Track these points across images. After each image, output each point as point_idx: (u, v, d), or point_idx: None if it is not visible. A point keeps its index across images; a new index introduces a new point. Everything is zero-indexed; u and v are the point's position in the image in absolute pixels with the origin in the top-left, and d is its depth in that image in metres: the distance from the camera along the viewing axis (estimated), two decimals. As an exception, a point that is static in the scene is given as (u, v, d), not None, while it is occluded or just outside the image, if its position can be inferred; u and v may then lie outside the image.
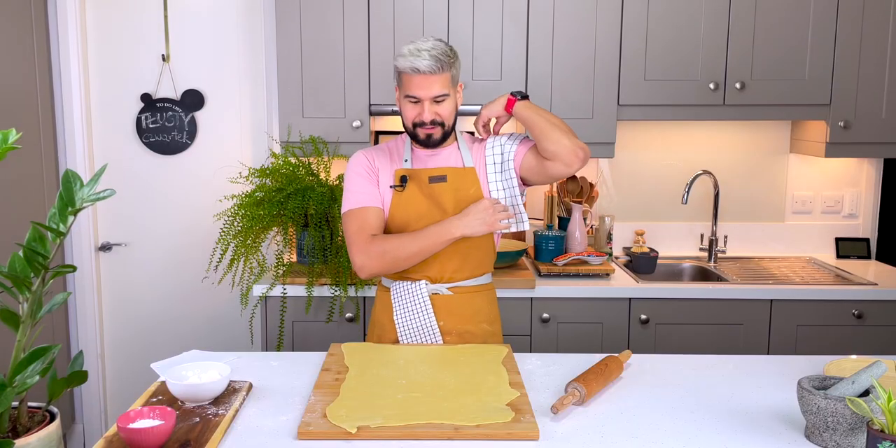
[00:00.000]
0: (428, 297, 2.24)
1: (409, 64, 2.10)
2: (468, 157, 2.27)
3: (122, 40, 3.39)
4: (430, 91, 2.13)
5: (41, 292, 1.41)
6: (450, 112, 2.20)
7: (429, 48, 2.12)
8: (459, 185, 2.23)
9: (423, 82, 2.12)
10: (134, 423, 1.54)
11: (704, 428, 1.67)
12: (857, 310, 2.98)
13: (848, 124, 3.15)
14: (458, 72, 2.20)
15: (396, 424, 1.62)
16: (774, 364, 2.08)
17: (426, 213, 2.22)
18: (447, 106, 2.18)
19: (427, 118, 2.16)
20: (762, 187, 3.58)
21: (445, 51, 2.14)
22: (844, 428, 1.53)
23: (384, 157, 2.29)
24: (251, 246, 2.93)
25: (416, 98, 2.15)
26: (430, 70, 2.10)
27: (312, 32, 3.09)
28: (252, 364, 2.07)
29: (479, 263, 2.30)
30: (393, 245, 2.15)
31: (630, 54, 3.12)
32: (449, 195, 2.22)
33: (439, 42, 2.16)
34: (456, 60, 2.18)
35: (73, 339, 3.47)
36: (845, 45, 3.11)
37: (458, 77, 2.22)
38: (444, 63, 2.12)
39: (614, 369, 1.93)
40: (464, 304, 2.27)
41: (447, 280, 2.27)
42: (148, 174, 3.47)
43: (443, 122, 2.19)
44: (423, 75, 2.11)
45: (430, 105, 2.15)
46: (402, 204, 2.23)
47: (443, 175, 2.23)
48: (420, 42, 2.15)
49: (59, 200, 1.43)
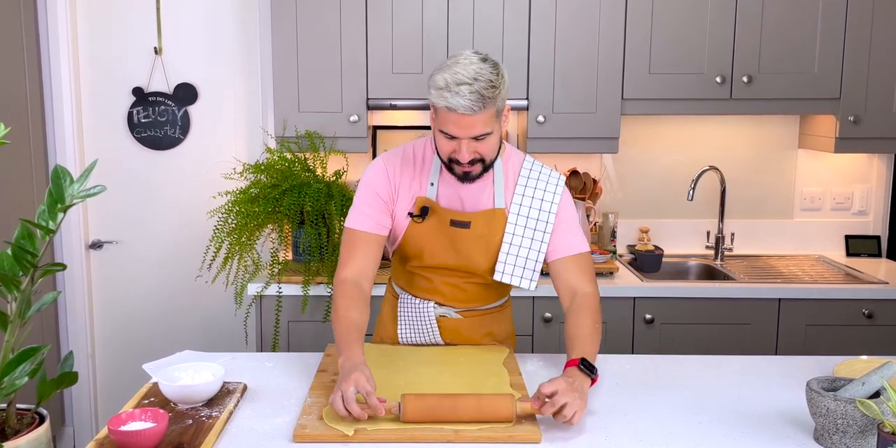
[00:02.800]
0: (435, 319, 2.13)
1: (444, 102, 1.79)
2: (501, 194, 2.01)
3: (113, 32, 3.38)
4: (469, 131, 1.83)
5: (30, 291, 1.41)
6: (492, 148, 1.90)
7: (470, 80, 1.78)
8: (484, 232, 2.00)
9: (462, 121, 1.81)
10: (125, 425, 1.54)
11: (711, 430, 1.67)
12: (868, 309, 2.98)
13: (858, 119, 3.15)
14: (506, 95, 1.87)
15: (395, 427, 1.62)
16: (782, 365, 2.08)
17: (441, 251, 2.04)
18: (490, 142, 1.88)
19: (465, 159, 1.87)
20: (770, 184, 3.58)
21: (491, 80, 1.80)
22: (854, 430, 1.53)
23: (409, 170, 2.03)
24: (246, 244, 2.93)
25: (453, 136, 1.86)
26: (471, 111, 1.79)
27: (308, 24, 3.08)
28: (247, 365, 2.07)
29: (497, 293, 2.16)
30: (334, 305, 1.94)
31: (634, 47, 3.11)
32: (470, 241, 2.01)
33: (484, 65, 1.82)
34: (502, 89, 1.84)
35: (62, 340, 3.47)
36: (855, 38, 3.11)
37: (505, 102, 1.89)
38: (489, 98, 1.79)
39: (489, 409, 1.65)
40: (474, 328, 2.15)
41: (458, 306, 2.13)
42: (140, 170, 3.47)
43: (483, 158, 1.91)
44: (460, 114, 1.80)
45: (468, 143, 1.86)
46: (416, 235, 2.03)
47: (467, 221, 2.00)
48: (460, 69, 1.80)
49: (48, 197, 1.43)
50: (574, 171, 3.44)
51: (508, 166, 2.05)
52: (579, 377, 1.75)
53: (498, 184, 2.01)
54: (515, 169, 2.05)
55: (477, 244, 2.01)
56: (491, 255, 2.03)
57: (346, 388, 1.63)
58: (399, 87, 3.09)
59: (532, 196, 2.01)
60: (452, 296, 2.11)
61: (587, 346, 1.86)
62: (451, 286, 2.10)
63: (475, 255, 2.03)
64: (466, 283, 2.10)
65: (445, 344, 2.16)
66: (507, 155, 2.06)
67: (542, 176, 2.04)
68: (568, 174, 3.44)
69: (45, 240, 1.41)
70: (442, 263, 2.06)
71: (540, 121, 3.12)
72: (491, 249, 2.02)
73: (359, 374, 1.66)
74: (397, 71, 3.10)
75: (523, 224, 2.00)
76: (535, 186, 2.02)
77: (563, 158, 3.49)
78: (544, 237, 2.00)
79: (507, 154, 2.06)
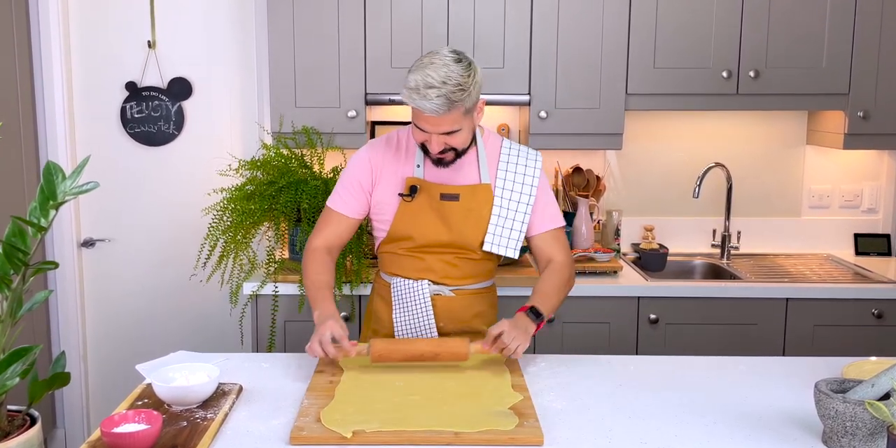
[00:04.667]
0: (429, 297, 2.22)
1: (412, 103, 1.97)
2: (486, 171, 2.21)
3: (106, 26, 3.38)
4: (438, 128, 2.03)
5: (21, 290, 1.41)
6: (463, 140, 2.09)
7: (439, 83, 1.94)
8: (472, 205, 2.19)
9: (430, 120, 2.01)
10: (118, 427, 1.54)
11: (716, 432, 1.67)
12: (878, 309, 2.99)
13: (867, 114, 3.15)
14: (477, 95, 2.04)
15: (394, 429, 1.62)
16: (790, 366, 2.08)
17: (432, 228, 2.19)
18: (460, 136, 2.07)
19: (434, 151, 2.09)
20: (777, 181, 3.58)
21: (459, 83, 1.95)
22: (864, 433, 1.53)
23: (392, 156, 2.23)
24: (241, 242, 2.93)
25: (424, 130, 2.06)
26: (436, 113, 1.97)
27: (306, 17, 3.08)
28: (242, 366, 2.07)
29: (485, 270, 2.30)
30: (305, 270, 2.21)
31: (639, 41, 3.11)
32: (459, 214, 2.19)
33: (455, 67, 1.97)
34: (473, 89, 2.00)
35: (54, 340, 3.47)
36: (864, 31, 3.11)
37: (477, 98, 2.06)
38: (455, 101, 1.96)
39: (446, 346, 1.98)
40: (465, 307, 2.27)
41: (450, 283, 2.25)
42: (133, 166, 3.47)
43: (454, 148, 2.11)
44: (429, 115, 1.99)
45: (437, 137, 2.06)
46: (407, 214, 2.20)
47: (455, 194, 2.18)
48: (431, 71, 1.96)
49: (39, 194, 1.43)
50: (577, 167, 3.44)
51: (489, 147, 2.24)
52: (524, 320, 2.03)
53: (482, 161, 2.21)
54: (496, 148, 2.25)
55: (467, 218, 2.19)
56: (480, 228, 2.20)
57: (323, 332, 1.94)
58: (398, 81, 3.09)
59: (515, 171, 2.22)
60: (444, 273, 2.24)
61: (543, 299, 2.12)
62: (443, 263, 2.23)
63: (465, 229, 2.19)
64: (458, 259, 2.23)
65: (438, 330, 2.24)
66: (487, 136, 2.26)
67: (521, 153, 2.25)
68: (571, 171, 3.44)
69: (37, 237, 1.41)
70: (434, 240, 2.20)
71: (542, 116, 3.12)
72: (480, 223, 2.19)
73: (332, 322, 1.97)
74: (396, 65, 3.09)
75: (508, 197, 2.20)
76: (517, 163, 2.23)
77: (565, 155, 3.49)
78: (527, 209, 2.21)
79: (486, 135, 2.26)
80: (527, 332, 1.99)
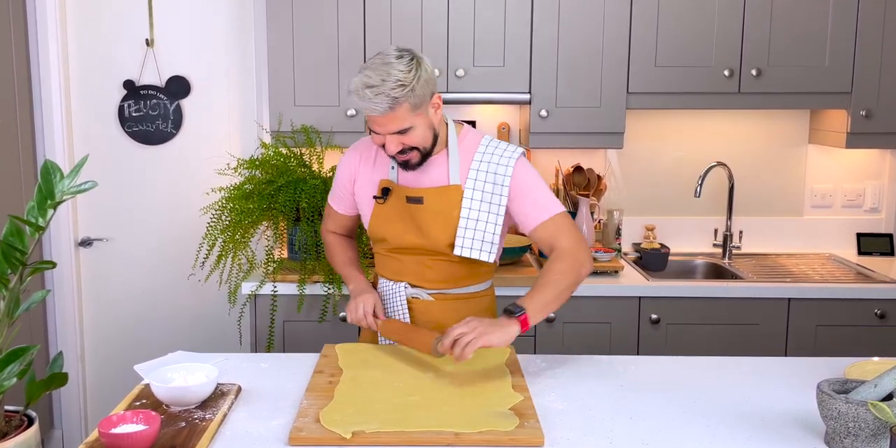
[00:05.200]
0: (405, 300, 2.21)
1: (355, 105, 2.01)
2: (456, 171, 2.12)
3: (103, 24, 3.38)
4: (386, 128, 1.99)
5: (19, 290, 1.41)
6: (421, 138, 2.04)
7: (378, 82, 1.92)
8: (440, 208, 2.11)
9: (377, 120, 1.98)
10: (116, 428, 1.54)
11: (718, 433, 1.67)
12: (880, 309, 2.99)
13: (870, 113, 3.15)
14: (425, 90, 1.98)
15: (393, 430, 1.62)
16: (792, 366, 2.08)
17: (402, 231, 2.16)
18: (415, 134, 2.02)
19: (390, 151, 2.04)
20: (779, 180, 3.58)
21: (399, 80, 1.92)
22: (866, 434, 1.53)
23: (373, 157, 2.22)
24: (240, 241, 2.93)
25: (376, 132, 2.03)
26: (379, 113, 1.94)
27: (305, 15, 3.08)
28: (241, 366, 2.07)
29: (470, 274, 2.22)
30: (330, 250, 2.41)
31: (640, 39, 3.11)
32: (427, 217, 2.13)
33: (396, 64, 1.95)
34: (417, 83, 1.95)
35: (51, 340, 3.47)
36: (868, 29, 3.11)
37: (427, 94, 2.00)
38: (396, 99, 1.92)
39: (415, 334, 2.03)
40: (446, 312, 2.20)
41: (428, 286, 2.21)
42: (131, 165, 3.47)
43: (416, 147, 2.05)
44: (374, 115, 1.97)
45: (391, 137, 2.01)
46: (381, 216, 2.19)
47: (419, 197, 2.12)
48: (370, 72, 1.94)
49: (37, 193, 1.43)
50: (578, 167, 3.44)
51: (465, 145, 2.16)
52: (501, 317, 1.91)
53: (453, 162, 2.13)
54: (472, 147, 2.16)
55: (435, 220, 2.12)
56: (450, 231, 2.12)
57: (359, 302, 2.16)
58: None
59: (486, 171, 2.11)
60: (421, 275, 2.20)
61: (532, 293, 1.98)
62: (419, 265, 2.20)
63: (433, 232, 2.13)
64: (433, 261, 2.18)
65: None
66: (465, 134, 2.18)
67: (497, 151, 2.13)
68: (572, 170, 3.44)
69: (35, 237, 1.41)
70: (407, 242, 2.17)
71: (543, 115, 3.12)
72: (449, 225, 2.12)
73: (368, 295, 2.18)
74: (396, 63, 3.09)
75: (479, 198, 2.11)
76: (490, 161, 2.12)
77: (566, 154, 3.49)
78: (499, 211, 2.10)
79: (463, 133, 2.18)
80: (492, 325, 1.85)
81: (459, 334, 1.83)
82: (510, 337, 1.86)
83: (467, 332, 1.83)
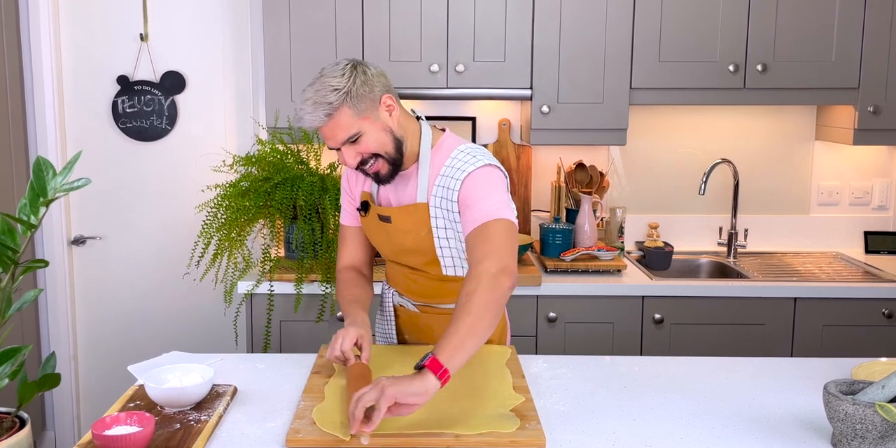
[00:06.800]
0: (392, 306, 2.25)
1: (302, 123, 1.91)
2: (424, 188, 2.02)
3: (96, 18, 3.38)
4: (334, 139, 1.92)
5: (10, 289, 1.41)
6: (378, 144, 1.94)
7: (312, 93, 1.88)
8: (409, 227, 2.04)
9: (323, 132, 1.92)
10: (110, 429, 1.54)
11: (723, 435, 1.67)
12: (888, 309, 2.99)
13: (878, 109, 3.15)
14: (365, 92, 1.90)
15: (392, 431, 1.62)
16: (798, 367, 2.08)
17: (386, 243, 2.13)
18: (368, 141, 1.93)
19: (350, 164, 1.96)
20: (785, 177, 3.58)
21: (332, 85, 1.87)
22: (874, 436, 1.53)
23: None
24: (236, 240, 2.93)
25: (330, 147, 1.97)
26: (319, 123, 1.89)
27: (302, 9, 3.08)
28: (237, 366, 2.07)
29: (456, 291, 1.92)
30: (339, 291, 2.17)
31: (643, 34, 3.11)
32: (399, 235, 2.07)
33: (331, 70, 1.91)
34: (350, 89, 1.88)
35: (44, 340, 3.47)
36: (875, 24, 3.11)
37: (371, 96, 1.91)
38: (331, 104, 1.86)
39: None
40: (432, 326, 2.19)
41: (414, 299, 2.20)
42: (125, 162, 3.47)
43: (377, 153, 1.96)
44: (316, 128, 1.91)
45: (346, 148, 1.94)
46: (367, 229, 2.17)
47: (387, 216, 2.06)
48: (308, 86, 1.91)
49: (29, 190, 1.43)
50: (580, 163, 3.44)
51: (438, 157, 2.04)
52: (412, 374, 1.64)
53: (422, 177, 2.03)
54: (443, 160, 2.03)
55: (405, 239, 2.07)
56: (421, 250, 2.06)
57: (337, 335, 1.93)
58: (396, 75, 3.08)
59: (445, 186, 1.99)
60: (406, 287, 2.20)
61: (447, 330, 1.70)
62: (404, 277, 2.19)
63: (405, 251, 2.10)
64: (416, 275, 2.16)
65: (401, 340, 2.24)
66: (440, 145, 2.05)
67: (457, 163, 1.99)
68: (574, 167, 3.44)
69: (27, 235, 1.41)
70: (391, 256, 2.17)
71: (544, 111, 3.12)
72: (420, 244, 2.05)
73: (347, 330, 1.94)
74: (394, 59, 3.09)
75: (443, 217, 2.01)
76: (450, 175, 1.99)
77: (568, 150, 3.49)
78: (458, 227, 2.02)
79: (439, 143, 2.05)
80: (394, 383, 1.57)
81: (367, 402, 1.56)
82: (424, 390, 1.58)
83: (373, 398, 1.56)
